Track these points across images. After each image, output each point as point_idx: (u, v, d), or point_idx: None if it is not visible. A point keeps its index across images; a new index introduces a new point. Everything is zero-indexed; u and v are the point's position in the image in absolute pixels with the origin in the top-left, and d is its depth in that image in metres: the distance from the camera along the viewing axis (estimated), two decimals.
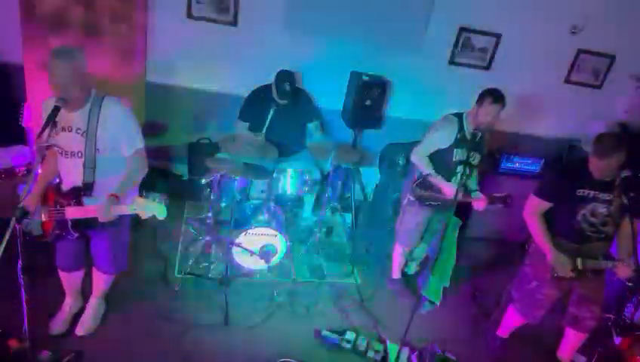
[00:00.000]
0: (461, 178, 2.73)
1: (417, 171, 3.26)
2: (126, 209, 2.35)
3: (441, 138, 3.12)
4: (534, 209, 2.77)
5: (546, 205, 2.74)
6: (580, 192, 2.65)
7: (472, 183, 3.28)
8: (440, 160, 3.15)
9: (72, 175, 2.41)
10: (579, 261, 2.68)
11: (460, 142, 3.10)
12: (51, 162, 2.49)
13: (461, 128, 3.11)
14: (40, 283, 2.48)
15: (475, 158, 3.18)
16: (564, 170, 2.85)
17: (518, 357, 3.35)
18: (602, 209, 2.66)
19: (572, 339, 3.02)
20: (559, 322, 3.02)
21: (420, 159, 3.16)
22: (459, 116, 3.15)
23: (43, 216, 2.43)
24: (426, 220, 3.38)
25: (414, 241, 3.49)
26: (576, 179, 2.67)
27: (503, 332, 3.28)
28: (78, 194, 2.39)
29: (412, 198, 3.28)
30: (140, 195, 2.41)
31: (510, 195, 3.05)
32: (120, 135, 2.37)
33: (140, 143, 2.45)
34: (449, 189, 3.06)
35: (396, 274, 3.73)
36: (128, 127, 2.40)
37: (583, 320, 2.88)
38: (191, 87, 4.26)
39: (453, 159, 3.12)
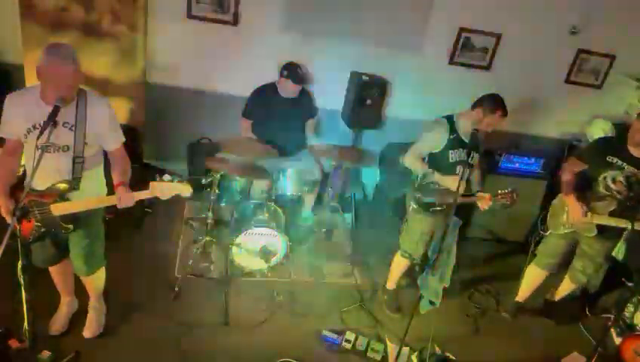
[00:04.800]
0: (461, 178, 2.73)
1: (414, 176, 3.18)
2: (145, 194, 2.40)
3: (432, 142, 3.03)
4: (570, 166, 3.23)
5: (580, 164, 3.19)
6: (610, 159, 3.03)
7: (473, 184, 3.23)
8: (435, 164, 3.07)
9: (53, 171, 2.32)
10: (589, 214, 3.08)
11: (454, 143, 3.02)
12: (8, 162, 2.39)
13: (453, 130, 3.02)
14: (40, 283, 2.48)
15: (474, 158, 3.13)
16: (603, 139, 3.44)
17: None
18: (622, 178, 3.03)
19: (565, 284, 3.59)
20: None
21: (412, 162, 3.07)
22: (449, 118, 3.06)
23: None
24: (432, 228, 3.24)
25: (419, 252, 3.34)
26: (610, 148, 3.09)
27: (522, 296, 3.67)
28: (68, 190, 2.33)
29: (415, 206, 3.18)
30: (154, 180, 2.43)
31: (515, 190, 3.02)
32: (107, 128, 2.39)
33: (122, 136, 2.50)
34: (452, 181, 2.89)
35: (392, 285, 3.59)
36: (114, 121, 2.43)
37: (575, 271, 3.40)
38: (191, 87, 4.26)
39: (449, 161, 3.04)
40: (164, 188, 2.40)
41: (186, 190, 2.44)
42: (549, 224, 3.37)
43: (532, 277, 3.56)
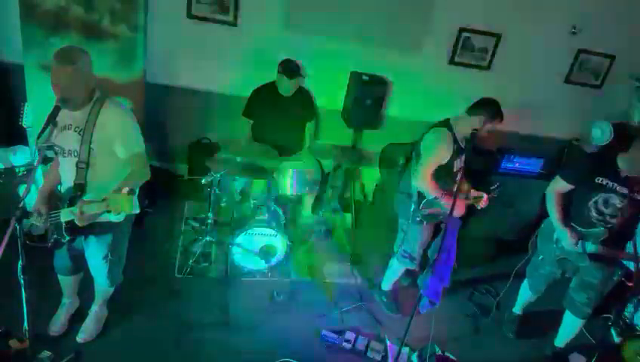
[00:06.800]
0: (458, 186, 2.77)
1: (418, 196, 3.09)
2: (97, 207, 2.16)
3: (444, 154, 2.96)
4: (555, 187, 2.95)
5: (566, 186, 2.90)
6: (599, 180, 2.78)
7: (465, 184, 3.19)
8: (442, 173, 3.01)
9: (68, 176, 2.36)
10: (579, 243, 2.85)
11: (457, 152, 3.00)
12: (56, 167, 2.46)
13: (455, 139, 2.99)
14: (40, 283, 2.48)
15: (465, 161, 3.10)
16: (589, 156, 3.04)
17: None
18: (616, 200, 2.78)
19: (569, 324, 3.22)
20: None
21: (425, 185, 2.96)
22: (448, 127, 2.99)
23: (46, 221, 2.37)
24: (430, 235, 3.27)
25: (418, 259, 3.35)
26: (599, 167, 2.81)
27: (518, 308, 3.57)
28: (73, 196, 2.31)
29: (418, 219, 3.13)
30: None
31: (500, 184, 3.13)
32: (116, 136, 2.31)
33: (137, 147, 2.38)
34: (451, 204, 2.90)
35: (387, 287, 3.60)
36: (126, 130, 2.34)
37: (579, 305, 3.08)
38: (191, 87, 4.26)
39: (455, 170, 3.04)
40: (114, 201, 2.11)
41: (135, 207, 2.20)
42: (540, 249, 3.16)
43: (526, 295, 3.47)
